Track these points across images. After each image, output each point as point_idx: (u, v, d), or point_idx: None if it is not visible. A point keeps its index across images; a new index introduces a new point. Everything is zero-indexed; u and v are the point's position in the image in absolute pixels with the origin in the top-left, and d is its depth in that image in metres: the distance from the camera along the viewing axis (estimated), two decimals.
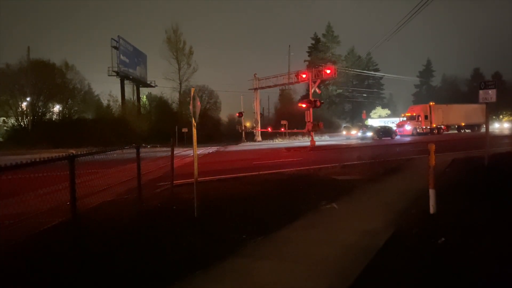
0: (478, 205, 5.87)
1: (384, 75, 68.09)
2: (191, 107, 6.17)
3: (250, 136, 40.29)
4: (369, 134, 32.67)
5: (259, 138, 39.23)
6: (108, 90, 50.84)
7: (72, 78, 41.57)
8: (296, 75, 32.17)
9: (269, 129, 38.70)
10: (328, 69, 26.41)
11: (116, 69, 41.74)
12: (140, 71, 47.47)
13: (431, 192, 5.44)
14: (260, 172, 11.43)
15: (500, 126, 47.65)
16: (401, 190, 8.03)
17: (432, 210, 5.42)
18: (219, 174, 11.31)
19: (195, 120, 6.20)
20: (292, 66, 59.55)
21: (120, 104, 43.86)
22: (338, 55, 65.36)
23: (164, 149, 9.35)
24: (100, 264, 3.97)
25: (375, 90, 68.68)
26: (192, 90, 6.35)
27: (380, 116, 60.31)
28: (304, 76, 28.77)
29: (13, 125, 37.24)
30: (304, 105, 23.30)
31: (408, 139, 32.41)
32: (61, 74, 40.43)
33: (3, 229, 4.02)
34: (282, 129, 37.48)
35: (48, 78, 37.94)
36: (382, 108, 64.89)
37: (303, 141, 32.52)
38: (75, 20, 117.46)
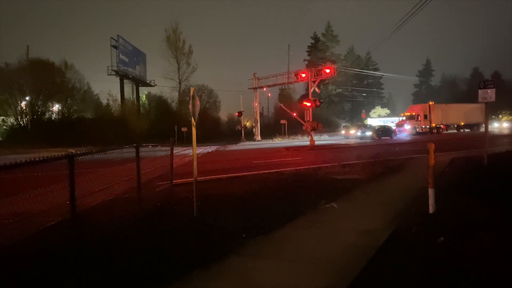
0: (477, 205, 5.88)
1: (383, 75, 68.29)
2: (190, 106, 6.17)
3: (250, 135, 40.27)
4: (369, 133, 32.67)
5: (259, 138, 39.21)
6: (107, 89, 50.96)
7: (72, 77, 41.56)
8: (295, 75, 32.20)
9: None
10: (328, 68, 26.44)
11: (115, 68, 41.68)
12: (140, 70, 47.41)
13: (431, 192, 5.45)
14: (260, 172, 11.43)
15: (499, 125, 47.70)
16: (400, 189, 8.04)
17: (431, 209, 5.43)
18: (219, 173, 11.31)
19: (194, 120, 6.20)
20: (292, 65, 59.73)
21: (120, 103, 43.80)
22: (338, 55, 65.51)
23: (164, 148, 9.33)
24: (99, 264, 3.97)
25: (374, 89, 68.69)
26: (192, 89, 6.35)
27: (379, 116, 60.30)
28: (303, 75, 28.79)
29: (12, 124, 37.15)
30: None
31: (407, 138, 32.40)
32: (60, 73, 40.34)
33: (2, 229, 4.01)
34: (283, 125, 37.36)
35: (47, 77, 37.81)
36: (381, 107, 64.92)
37: (303, 141, 32.53)
38: (74, 19, 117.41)
